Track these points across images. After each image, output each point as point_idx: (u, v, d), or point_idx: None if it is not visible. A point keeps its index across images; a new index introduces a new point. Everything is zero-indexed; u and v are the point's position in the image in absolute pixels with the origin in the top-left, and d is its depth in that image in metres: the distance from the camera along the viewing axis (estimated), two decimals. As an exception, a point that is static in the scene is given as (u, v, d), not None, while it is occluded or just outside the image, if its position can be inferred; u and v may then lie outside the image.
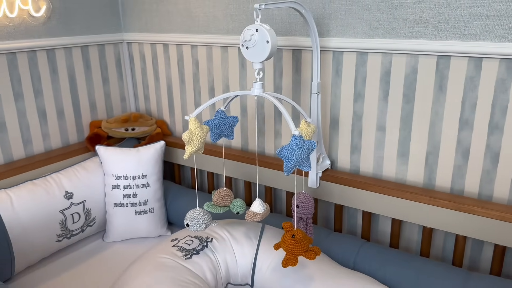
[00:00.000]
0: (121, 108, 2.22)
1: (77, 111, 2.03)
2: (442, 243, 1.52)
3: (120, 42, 2.16)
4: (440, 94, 1.39)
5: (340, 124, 1.61)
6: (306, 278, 1.29)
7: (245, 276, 1.37)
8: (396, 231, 1.52)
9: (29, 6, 1.76)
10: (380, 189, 1.49)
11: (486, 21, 1.26)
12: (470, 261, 1.48)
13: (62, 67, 1.93)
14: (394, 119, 1.49)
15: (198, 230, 1.21)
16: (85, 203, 1.77)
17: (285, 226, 1.15)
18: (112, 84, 2.16)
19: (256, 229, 1.45)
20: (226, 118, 1.36)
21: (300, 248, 1.13)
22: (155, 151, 1.83)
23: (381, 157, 1.55)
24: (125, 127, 2.00)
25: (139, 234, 1.83)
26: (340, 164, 1.66)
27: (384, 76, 1.47)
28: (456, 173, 1.43)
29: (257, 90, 1.20)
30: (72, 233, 1.75)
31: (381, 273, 1.37)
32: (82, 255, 1.75)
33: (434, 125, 1.43)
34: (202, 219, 1.21)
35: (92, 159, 1.89)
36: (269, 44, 1.13)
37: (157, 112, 2.18)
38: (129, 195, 1.78)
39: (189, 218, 1.21)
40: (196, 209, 1.23)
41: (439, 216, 1.39)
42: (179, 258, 1.28)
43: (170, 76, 2.06)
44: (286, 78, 1.69)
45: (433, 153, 1.45)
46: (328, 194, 1.60)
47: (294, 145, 1.05)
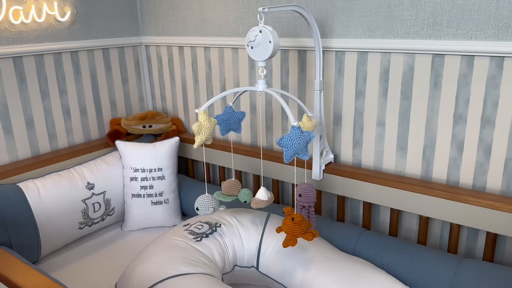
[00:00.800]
0: (139, 106, 2.36)
1: (99, 109, 2.17)
2: (439, 232, 1.60)
3: (138, 45, 2.30)
4: (435, 91, 1.48)
5: (343, 120, 1.71)
6: (307, 260, 1.38)
7: (251, 258, 1.48)
8: (395, 221, 1.60)
9: (55, 12, 1.91)
10: (380, 180, 1.58)
11: (477, 21, 1.35)
12: (466, 249, 1.55)
13: (85, 68, 2.08)
14: (393, 115, 1.58)
15: (206, 214, 1.33)
16: (105, 193, 1.90)
17: (286, 210, 1.25)
18: (131, 84, 2.30)
19: (262, 217, 1.56)
20: (234, 113, 1.47)
21: (299, 230, 1.23)
22: (170, 146, 1.96)
23: (381, 150, 1.64)
24: (143, 124, 2.13)
25: (155, 223, 1.96)
26: (343, 158, 1.75)
27: (383, 74, 1.57)
28: (452, 165, 1.51)
29: (261, 86, 1.31)
30: (93, 221, 1.88)
31: (378, 258, 1.46)
32: (102, 242, 1.89)
33: (430, 120, 1.51)
34: (211, 203, 1.33)
35: (112, 153, 2.03)
36: (271, 44, 1.24)
37: (173, 110, 2.31)
38: (145, 187, 1.90)
39: (199, 203, 1.33)
40: (205, 195, 1.35)
41: (434, 206, 1.47)
42: (190, 240, 1.40)
43: (184, 76, 2.19)
44: (292, 77, 1.79)
45: (429, 146, 1.54)
46: (331, 186, 1.70)
47: (293, 135, 1.16)
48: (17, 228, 1.62)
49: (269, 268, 1.43)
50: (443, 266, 1.36)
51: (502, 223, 1.36)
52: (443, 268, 1.35)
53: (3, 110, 1.81)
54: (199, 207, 1.32)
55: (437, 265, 1.36)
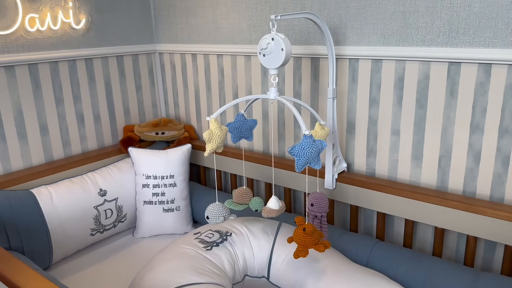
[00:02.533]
0: (152, 113, 2.37)
1: (112, 116, 2.19)
2: (455, 244, 1.55)
3: (152, 52, 2.31)
4: (451, 99, 1.44)
5: (356, 128, 1.68)
6: (319, 271, 1.36)
7: (262, 268, 1.46)
8: (409, 232, 1.57)
9: (71, 19, 1.94)
10: (394, 190, 1.55)
11: (494, 29, 1.31)
12: (483, 262, 1.51)
13: (99, 75, 2.10)
14: (408, 124, 1.55)
15: (217, 222, 1.31)
16: (117, 200, 1.91)
17: (297, 220, 1.23)
18: (144, 91, 2.31)
19: (273, 226, 1.54)
20: (246, 121, 1.46)
21: (310, 241, 1.21)
22: (182, 153, 1.95)
23: (396, 160, 1.61)
24: (156, 131, 2.14)
25: (166, 230, 1.95)
26: (356, 167, 1.72)
27: (397, 82, 1.54)
28: (468, 175, 1.47)
29: (273, 94, 1.30)
30: (105, 228, 1.88)
31: (392, 271, 1.43)
32: (113, 248, 1.89)
33: (446, 129, 1.48)
34: (221, 212, 1.31)
35: (124, 160, 2.03)
36: (283, 52, 1.23)
37: (186, 118, 2.31)
38: (157, 194, 1.90)
39: (209, 211, 1.32)
40: (215, 203, 1.34)
41: (450, 217, 1.43)
42: (200, 249, 1.39)
43: (197, 84, 2.19)
44: (305, 85, 1.78)
45: (445, 156, 1.50)
46: (344, 195, 1.67)
47: (305, 144, 1.14)
48: (29, 233, 1.63)
49: (280, 278, 1.41)
50: (459, 280, 1.32)
51: (521, 236, 1.31)
52: (459, 282, 1.31)
53: (18, 116, 1.83)
54: (209, 215, 1.31)
55: (454, 279, 1.32)
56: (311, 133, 1.36)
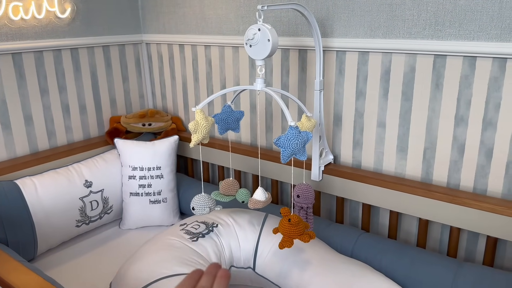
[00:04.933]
0: (139, 104, 2.35)
1: (98, 107, 2.16)
2: (438, 235, 1.58)
3: (139, 43, 2.29)
4: (436, 92, 1.46)
5: (343, 120, 1.69)
6: (304, 262, 1.37)
7: (248, 259, 1.46)
8: (394, 223, 1.58)
9: (55, 8, 1.91)
10: (379, 182, 1.56)
11: (479, 22, 1.32)
12: (466, 253, 1.53)
13: (85, 65, 2.07)
14: (394, 116, 1.56)
15: (202, 213, 1.31)
16: (103, 191, 1.89)
17: (282, 211, 1.24)
18: (131, 82, 2.29)
19: (259, 217, 1.54)
20: (233, 112, 1.46)
21: (295, 231, 1.21)
22: (169, 144, 1.94)
23: (382, 152, 1.63)
24: (143, 122, 2.12)
25: (153, 222, 1.94)
26: (343, 159, 1.73)
27: (384, 75, 1.55)
28: (452, 167, 1.49)
29: (260, 85, 1.29)
30: (91, 219, 1.87)
31: (377, 261, 1.44)
32: (99, 240, 1.88)
33: (431, 122, 1.49)
34: (207, 203, 1.31)
35: (111, 151, 2.02)
36: (270, 43, 1.22)
37: (173, 109, 2.30)
38: (144, 185, 1.89)
39: (195, 202, 1.32)
40: (201, 194, 1.34)
41: (434, 209, 1.45)
42: (186, 240, 1.39)
43: (185, 75, 2.17)
44: (292, 77, 1.78)
45: (430, 148, 1.51)
46: (330, 187, 1.68)
47: (290, 135, 1.14)
48: (13, 225, 1.61)
49: (266, 269, 1.42)
50: (442, 270, 1.34)
51: (502, 227, 1.33)
52: (442, 272, 1.33)
53: (1, 106, 1.81)
54: (195, 206, 1.31)
55: (436, 269, 1.34)
56: (298, 124, 1.36)
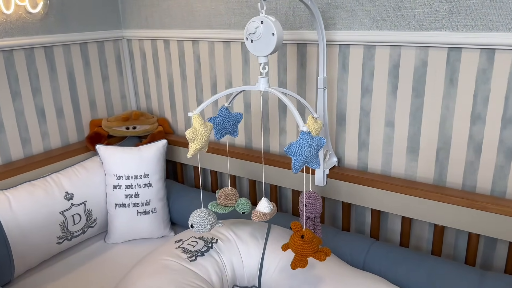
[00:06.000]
0: (121, 106, 2.18)
1: (77, 110, 1.99)
2: (453, 241, 1.47)
3: (119, 39, 2.11)
4: (451, 88, 1.34)
5: (347, 120, 1.56)
6: (315, 279, 1.24)
7: (252, 277, 1.33)
8: (407, 230, 1.47)
9: (26, 2, 1.72)
10: (389, 186, 1.45)
11: (499, 11, 1.21)
12: (482, 259, 1.43)
13: (60, 64, 1.89)
14: (403, 114, 1.45)
15: (203, 231, 1.17)
16: (85, 203, 1.73)
17: (293, 226, 1.11)
18: (112, 81, 2.11)
19: (262, 229, 1.41)
20: (230, 115, 1.32)
21: (309, 249, 1.09)
22: (157, 149, 1.79)
23: (390, 153, 1.51)
24: (126, 125, 1.96)
25: (142, 235, 1.79)
26: (347, 161, 1.61)
27: (392, 70, 1.43)
28: (468, 169, 1.38)
29: (263, 85, 1.16)
30: (73, 234, 1.70)
31: (391, 273, 1.33)
32: (83, 257, 1.71)
33: (445, 120, 1.38)
34: (207, 219, 1.17)
35: (92, 159, 1.85)
36: (275, 37, 1.09)
37: (159, 110, 2.13)
38: (131, 195, 1.73)
39: (194, 219, 1.17)
40: (200, 210, 1.19)
41: (451, 214, 1.34)
42: (183, 260, 1.24)
43: (171, 73, 2.01)
44: (290, 73, 1.64)
45: (444, 148, 1.41)
46: (335, 192, 1.56)
47: (303, 142, 1.01)
48: (-15, 247, 1.44)
49: (273, 286, 1.28)
50: (464, 282, 1.23)
51: (527, 233, 1.24)
52: (464, 284, 1.22)
53: (-33, 113, 1.62)
54: (194, 224, 1.17)
55: (458, 281, 1.24)
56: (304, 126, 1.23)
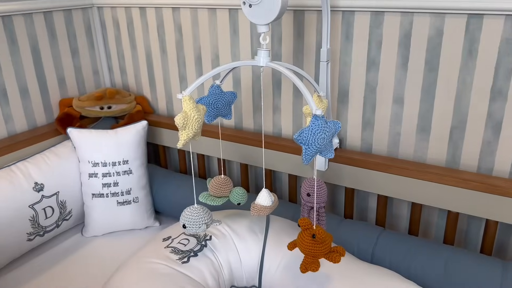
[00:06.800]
0: (94, 83, 1.96)
1: (44, 88, 1.76)
2: (465, 227, 1.37)
3: (89, 7, 1.87)
4: (469, 60, 1.20)
5: (350, 96, 1.41)
6: (322, 277, 1.11)
7: (251, 277, 1.19)
8: (416, 217, 1.35)
9: (-25, -37, 1.47)
10: (397, 169, 1.31)
11: (530, -29, 1.06)
12: (496, 246, 1.33)
13: (22, 37, 1.65)
14: (414, 90, 1.30)
15: (197, 232, 1.01)
16: (58, 194, 1.54)
17: (302, 223, 0.96)
18: (82, 55, 1.88)
19: (260, 222, 1.26)
20: (223, 94, 1.14)
21: (322, 250, 0.95)
22: (136, 132, 1.60)
23: (398, 133, 1.37)
24: (100, 105, 1.75)
25: (123, 226, 1.62)
26: (349, 142, 1.47)
27: (403, 40, 1.27)
28: (485, 149, 1.26)
29: (264, 59, 0.98)
30: (46, 229, 1.52)
31: (404, 266, 1.21)
32: (59, 253, 1.54)
33: (461, 96, 1.24)
34: (202, 218, 1.01)
35: (64, 144, 1.65)
36: (279, 0, 0.90)
37: (136, 87, 1.93)
38: (109, 184, 1.55)
39: (186, 218, 1.01)
40: (193, 207, 1.03)
41: (467, 200, 1.22)
42: (174, 262, 1.08)
43: (149, 45, 1.80)
44: (286, 45, 1.46)
45: (459, 127, 1.27)
46: (338, 177, 1.42)
47: (316, 128, 0.85)
48: None
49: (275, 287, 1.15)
50: (486, 275, 1.12)
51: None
52: (486, 277, 1.12)
53: None
54: (187, 224, 1.00)
55: (479, 273, 1.13)
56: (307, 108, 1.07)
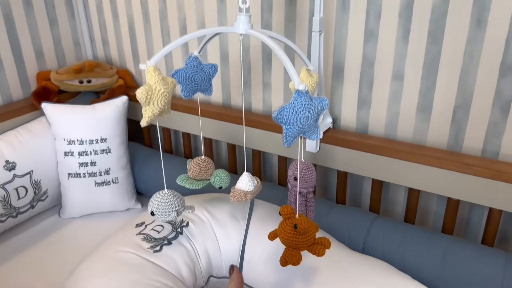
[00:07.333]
0: (75, 55, 1.84)
1: (19, 61, 1.65)
2: (466, 215, 1.27)
3: (68, -28, 1.74)
4: (477, 31, 1.07)
5: (346, 72, 1.29)
6: (308, 269, 1.02)
7: (232, 267, 1.10)
8: (413, 204, 1.25)
9: None
10: (394, 152, 1.20)
11: None
12: (499, 237, 1.23)
13: (-8, 3, 1.53)
14: (416, 65, 1.18)
15: (166, 220, 0.91)
16: (32, 174, 1.44)
17: (283, 211, 0.86)
18: (61, 25, 1.76)
19: (243, 207, 1.16)
20: (201, 67, 1.03)
21: (304, 242, 0.85)
22: (116, 108, 1.49)
23: (396, 112, 1.26)
24: (79, 78, 1.64)
25: (103, 208, 1.53)
26: (344, 122, 1.36)
27: (404, 10, 1.14)
28: (491, 131, 1.15)
29: (243, 25, 0.86)
30: (19, 211, 1.43)
31: (398, 257, 1.12)
32: (34, 235, 1.46)
33: (467, 72, 1.12)
34: (172, 205, 0.90)
35: (39, 120, 1.55)
36: (259, -43, 0.78)
37: (119, 60, 1.81)
38: (86, 164, 1.45)
39: (155, 205, 0.91)
40: (163, 192, 0.92)
41: (470, 186, 1.12)
42: (145, 251, 0.99)
43: (131, 14, 1.67)
44: (277, 13, 1.33)
45: (463, 106, 1.16)
46: (330, 159, 1.31)
47: (298, 105, 0.74)
48: None
49: (257, 279, 1.06)
50: (487, 267, 1.03)
51: None
52: (487, 268, 1.02)
53: None
54: (156, 211, 0.90)
55: (479, 265, 1.03)
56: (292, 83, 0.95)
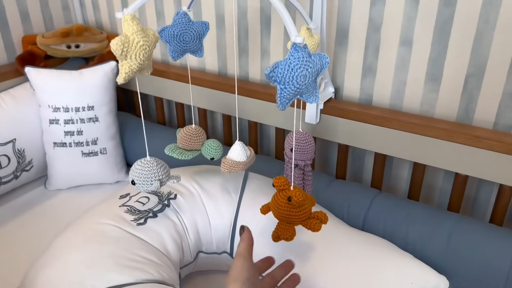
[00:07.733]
0: (64, 19, 1.74)
1: (4, 23, 1.55)
2: (473, 193, 1.19)
3: None
4: (496, -9, 0.98)
5: (350, 36, 1.19)
6: (303, 245, 0.95)
7: (222, 242, 1.03)
8: (418, 179, 1.17)
9: None
10: (400, 124, 1.12)
11: None
12: (508, 216, 1.16)
13: (-28, -41, 1.43)
14: (426, 29, 1.08)
15: (148, 190, 0.84)
16: (15, 142, 1.37)
17: (277, 182, 0.78)
18: (49, -13, 1.66)
19: (236, 180, 1.09)
20: (191, 24, 0.94)
21: (299, 216, 0.77)
22: (104, 74, 1.40)
23: (403, 81, 1.17)
24: (66, 43, 1.54)
25: (91, 180, 1.46)
26: (346, 92, 1.27)
27: (416, -34, 1.04)
28: (505, 102, 1.06)
29: (235, -26, 0.77)
30: (1, 180, 1.36)
31: (400, 235, 1.05)
32: (18, 207, 1.39)
33: (481, 36, 1.03)
34: (155, 173, 0.83)
35: (23, 86, 1.46)
36: None
37: (110, 24, 1.71)
38: (72, 132, 1.38)
39: (135, 173, 0.83)
40: (145, 160, 0.85)
41: (479, 161, 1.04)
42: (128, 224, 0.92)
43: (123, -24, 1.57)
44: (276, -27, 1.23)
45: (476, 75, 1.07)
46: (330, 132, 1.23)
47: (295, 61, 0.65)
48: None
49: (249, 255, 0.99)
50: (495, 245, 0.95)
51: None
52: (495, 248, 0.95)
53: None
54: (136, 180, 0.83)
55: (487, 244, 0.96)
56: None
